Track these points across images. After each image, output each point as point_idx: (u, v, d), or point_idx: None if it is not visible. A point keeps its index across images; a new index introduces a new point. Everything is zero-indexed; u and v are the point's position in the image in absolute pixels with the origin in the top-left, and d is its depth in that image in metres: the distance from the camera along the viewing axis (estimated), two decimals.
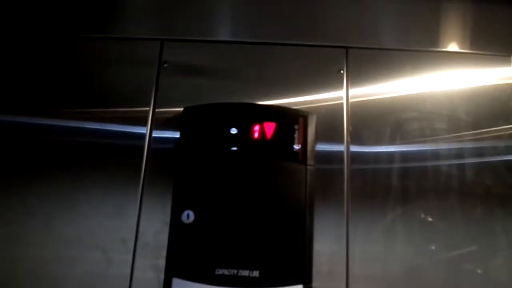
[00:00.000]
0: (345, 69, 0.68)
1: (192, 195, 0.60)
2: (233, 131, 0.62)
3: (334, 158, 0.65)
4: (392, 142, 0.66)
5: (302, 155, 0.61)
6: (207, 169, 0.61)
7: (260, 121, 0.62)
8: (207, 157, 0.61)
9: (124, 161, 0.65)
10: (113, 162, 0.65)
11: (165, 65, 0.68)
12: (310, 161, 0.61)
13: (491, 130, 0.67)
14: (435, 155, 0.66)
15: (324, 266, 0.60)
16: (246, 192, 0.59)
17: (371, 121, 0.67)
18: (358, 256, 0.61)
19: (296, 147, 0.61)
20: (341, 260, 0.61)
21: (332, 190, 0.63)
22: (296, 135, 0.62)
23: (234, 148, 0.61)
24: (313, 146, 0.63)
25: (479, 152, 0.66)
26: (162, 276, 0.59)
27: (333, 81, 0.68)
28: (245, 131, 0.61)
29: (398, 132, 0.67)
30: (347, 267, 0.60)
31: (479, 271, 0.61)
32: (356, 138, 0.66)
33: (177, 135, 0.64)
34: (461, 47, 0.72)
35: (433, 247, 0.62)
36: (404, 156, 0.66)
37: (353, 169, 0.64)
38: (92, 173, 0.65)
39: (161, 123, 0.66)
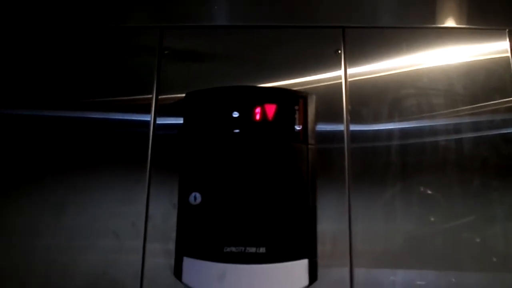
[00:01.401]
0: (342, 49, 0.70)
1: (198, 177, 0.62)
2: (235, 113, 0.63)
3: (334, 137, 0.66)
4: (390, 119, 0.67)
5: (303, 135, 0.63)
6: (212, 152, 0.62)
7: (261, 103, 0.63)
8: (211, 140, 0.63)
9: (130, 148, 0.67)
10: (119, 150, 0.67)
11: (166, 52, 0.70)
12: (311, 140, 0.63)
13: (488, 104, 0.69)
14: (433, 130, 0.67)
15: (328, 241, 0.62)
16: (250, 173, 0.61)
17: (370, 99, 0.68)
18: (360, 230, 0.63)
19: (297, 127, 0.63)
20: (344, 234, 0.63)
21: (333, 169, 0.65)
22: (296, 116, 0.63)
23: (237, 130, 0.63)
24: (314, 126, 0.64)
25: (476, 126, 0.68)
26: (172, 256, 0.61)
27: (331, 61, 0.69)
28: (247, 113, 0.63)
29: (396, 109, 0.68)
30: (350, 241, 0.63)
31: (477, 240, 0.64)
32: (355, 117, 0.67)
33: (180, 121, 0.66)
34: (457, 22, 0.72)
35: (432, 219, 0.64)
36: (403, 132, 0.67)
37: (353, 147, 0.66)
38: (100, 162, 0.67)
39: (164, 109, 0.68)
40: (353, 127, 0.67)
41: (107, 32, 0.72)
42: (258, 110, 0.63)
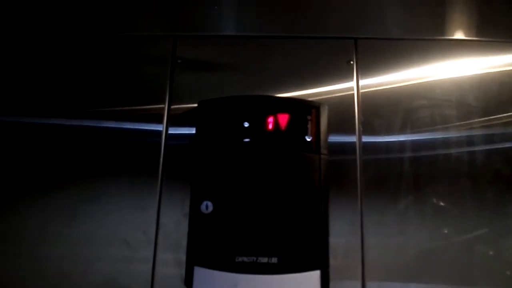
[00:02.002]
0: (354, 60, 0.70)
1: (210, 186, 0.62)
2: (248, 123, 0.63)
3: (346, 148, 0.66)
4: (403, 130, 0.67)
5: (315, 145, 0.63)
6: (224, 161, 0.62)
7: (273, 113, 0.64)
8: (223, 149, 0.63)
9: (142, 157, 0.67)
10: (131, 159, 0.67)
11: (179, 61, 0.70)
12: (323, 150, 0.63)
13: (500, 117, 0.68)
14: (446, 142, 0.67)
15: (340, 254, 0.62)
16: (262, 182, 0.61)
17: (382, 110, 0.68)
18: (372, 242, 0.63)
19: (310, 137, 0.63)
20: (356, 246, 0.62)
21: (345, 180, 0.65)
22: (309, 126, 0.64)
23: (249, 140, 0.63)
24: (326, 136, 0.64)
25: (488, 138, 0.68)
26: (183, 265, 0.61)
27: (343, 72, 0.69)
28: (259, 122, 0.63)
29: (408, 121, 0.68)
30: (362, 253, 0.62)
31: (491, 252, 0.63)
32: (367, 128, 0.67)
33: (193, 131, 0.66)
34: (469, 34, 0.73)
35: (445, 231, 0.63)
36: (415, 144, 0.67)
37: (365, 159, 0.66)
38: (111, 170, 0.67)
39: (177, 119, 0.68)
40: (366, 139, 0.67)
41: (119, 41, 0.73)
42: (270, 119, 0.63)
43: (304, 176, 0.62)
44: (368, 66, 0.70)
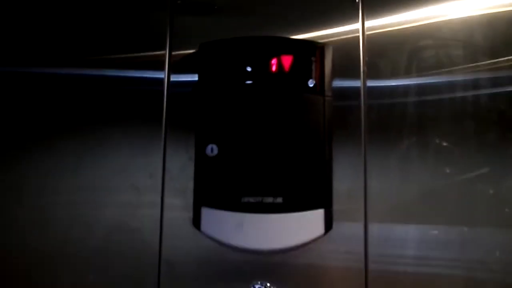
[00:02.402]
0: None
1: (214, 129, 0.62)
2: (251, 64, 0.62)
3: (350, 90, 0.65)
4: (409, 71, 0.66)
5: (319, 87, 0.62)
6: (227, 104, 0.62)
7: (277, 54, 0.62)
8: (226, 92, 0.62)
9: (145, 105, 0.66)
10: (134, 107, 0.67)
11: (179, 1, 0.68)
12: (327, 92, 0.63)
13: (508, 59, 0.67)
14: (451, 84, 0.66)
15: (343, 196, 0.63)
16: (266, 124, 0.61)
17: (388, 51, 0.66)
18: (375, 183, 0.63)
19: (314, 79, 0.62)
20: (359, 189, 0.63)
21: (349, 122, 0.64)
22: (313, 67, 0.62)
23: (252, 82, 0.62)
24: (330, 78, 0.63)
25: (494, 78, 0.66)
26: (191, 206, 0.63)
27: (348, 10, 0.67)
28: (263, 64, 0.62)
29: (414, 60, 0.66)
30: (365, 195, 0.63)
31: (491, 191, 0.64)
32: (373, 68, 0.65)
33: (195, 78, 0.65)
34: None
35: (447, 171, 0.64)
36: (420, 87, 0.65)
37: (369, 101, 0.65)
38: (114, 118, 0.67)
39: (179, 64, 0.67)
40: (370, 83, 0.65)
41: None
42: (274, 61, 0.62)
43: (308, 117, 0.61)
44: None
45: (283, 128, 0.61)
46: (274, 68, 0.62)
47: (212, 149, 0.61)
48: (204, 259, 0.63)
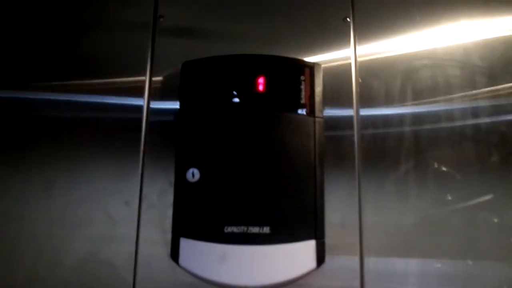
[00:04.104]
0: (351, 17, 0.65)
1: (196, 152, 0.57)
2: (236, 83, 0.58)
3: (343, 101, 0.62)
4: (404, 92, 0.63)
5: (309, 107, 0.59)
6: (211, 125, 0.58)
7: (264, 73, 0.59)
8: (210, 112, 0.58)
9: (123, 123, 0.62)
10: (111, 131, 0.62)
11: (161, 19, 0.65)
12: (318, 113, 0.59)
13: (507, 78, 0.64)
14: (448, 110, 0.63)
15: (337, 229, 0.58)
16: (253, 147, 0.57)
17: (381, 72, 0.63)
18: (371, 214, 0.59)
19: (303, 98, 0.59)
20: (353, 219, 0.59)
21: (342, 152, 0.61)
22: (302, 87, 0.59)
23: (237, 101, 0.58)
24: (321, 98, 0.60)
25: (494, 99, 0.63)
26: (169, 237, 0.57)
27: (339, 30, 0.64)
28: (249, 83, 0.58)
29: (409, 87, 0.63)
30: (360, 227, 0.58)
31: (495, 220, 0.59)
32: (366, 95, 0.63)
33: (176, 105, 0.61)
34: None
35: (449, 198, 0.60)
36: (416, 116, 0.63)
37: (363, 130, 0.61)
38: (89, 143, 0.62)
39: (160, 88, 0.63)
40: (364, 111, 0.62)
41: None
42: (261, 80, 0.59)
43: (298, 140, 0.57)
44: (366, 23, 0.65)
45: (270, 152, 0.57)
46: (260, 88, 0.58)
47: (193, 174, 0.57)
48: None
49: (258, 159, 0.56)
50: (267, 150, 0.57)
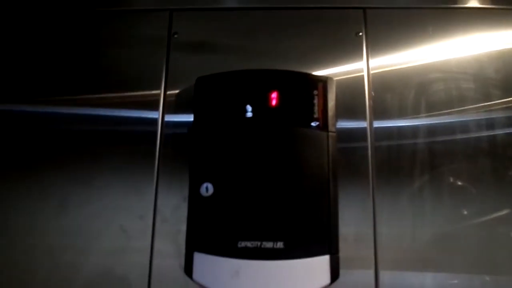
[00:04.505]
0: (363, 31, 0.65)
1: (210, 166, 0.58)
2: (249, 99, 0.59)
3: (356, 114, 0.62)
4: (417, 105, 0.63)
5: (322, 122, 0.59)
6: (224, 140, 0.58)
7: (277, 88, 0.59)
8: (223, 127, 0.59)
9: (138, 139, 0.63)
10: (126, 145, 0.63)
11: (176, 36, 0.66)
12: (331, 127, 0.59)
13: None
14: (463, 122, 0.62)
15: (352, 242, 0.58)
16: (266, 162, 0.57)
17: (393, 83, 0.63)
18: (386, 228, 0.58)
19: (316, 113, 0.59)
20: (368, 232, 0.58)
21: (356, 165, 0.61)
22: (315, 101, 0.59)
23: (251, 116, 0.58)
24: (334, 112, 0.60)
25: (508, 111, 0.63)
26: (183, 251, 0.57)
27: (351, 45, 0.65)
28: (262, 98, 0.59)
29: (422, 99, 0.63)
30: (375, 241, 0.58)
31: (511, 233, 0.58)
32: (379, 108, 0.62)
33: (191, 118, 0.61)
34: (485, 2, 0.67)
35: (465, 212, 0.59)
36: (431, 128, 0.62)
37: (377, 143, 0.61)
38: (105, 154, 0.63)
39: (174, 102, 0.64)
40: (377, 123, 0.62)
41: (111, 17, 0.68)
42: (274, 95, 0.59)
43: (311, 155, 0.57)
44: (378, 37, 0.65)
45: (284, 166, 0.57)
46: (274, 102, 0.59)
47: (207, 188, 0.57)
48: None
49: (272, 173, 0.56)
50: (280, 164, 0.57)
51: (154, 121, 0.63)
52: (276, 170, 0.57)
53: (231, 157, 0.57)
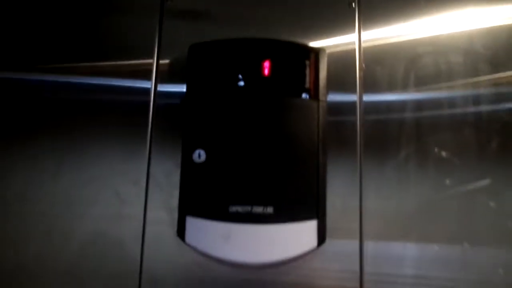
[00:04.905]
0: (356, 2, 0.65)
1: (202, 134, 0.59)
2: (242, 67, 0.59)
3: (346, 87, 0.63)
4: (407, 79, 0.64)
5: (314, 91, 0.60)
6: (216, 107, 0.59)
7: (270, 57, 0.60)
8: (215, 95, 0.59)
9: (131, 111, 0.63)
10: (119, 113, 0.64)
11: (169, 1, 0.65)
12: (322, 96, 0.60)
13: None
14: (451, 97, 0.63)
15: (338, 213, 0.59)
16: (258, 130, 0.58)
17: (384, 55, 0.64)
18: (371, 199, 0.60)
19: (308, 83, 0.60)
20: (354, 203, 0.60)
21: (345, 137, 0.62)
22: (307, 71, 0.60)
23: (243, 84, 0.59)
24: (325, 82, 0.61)
25: (496, 92, 0.64)
26: (176, 216, 0.59)
27: (344, 16, 0.65)
28: (255, 67, 0.59)
29: (412, 73, 0.64)
30: (361, 212, 0.60)
31: (492, 204, 0.61)
32: (369, 77, 0.63)
33: (183, 87, 0.62)
34: None
35: (447, 182, 0.61)
36: (417, 102, 0.63)
37: (366, 116, 0.62)
38: (97, 124, 0.64)
39: (167, 71, 0.64)
40: (367, 97, 0.63)
41: None
42: (266, 64, 0.60)
43: (301, 123, 0.58)
44: (371, 9, 0.65)
45: (275, 133, 0.58)
46: (266, 71, 0.59)
47: (199, 155, 0.58)
48: (189, 273, 0.59)
49: (263, 141, 0.58)
50: (271, 132, 0.58)
51: (147, 90, 0.63)
52: (266, 137, 0.58)
53: (223, 125, 0.58)
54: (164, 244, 0.60)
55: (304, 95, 0.59)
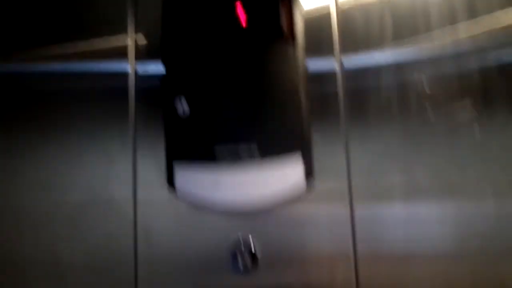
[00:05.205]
0: None
1: (183, 80, 0.60)
2: (218, 11, 0.61)
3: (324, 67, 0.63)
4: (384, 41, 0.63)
5: (290, 33, 0.61)
6: (196, 54, 0.60)
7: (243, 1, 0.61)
8: (193, 42, 0.61)
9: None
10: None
11: None
12: (299, 36, 0.61)
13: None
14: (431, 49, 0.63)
15: (326, 176, 0.59)
16: (237, 72, 0.59)
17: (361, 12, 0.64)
18: (357, 160, 0.60)
19: (283, 25, 0.61)
20: (341, 165, 0.60)
21: (326, 88, 0.61)
22: (282, 13, 0.61)
23: (219, 29, 0.60)
24: (301, 25, 0.62)
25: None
26: (163, 162, 0.60)
27: None
28: (229, 10, 0.61)
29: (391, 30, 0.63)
30: (349, 174, 0.60)
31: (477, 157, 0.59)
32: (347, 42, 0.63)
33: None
34: None
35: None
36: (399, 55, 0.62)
37: (346, 74, 0.62)
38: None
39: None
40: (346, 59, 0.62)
41: None
42: (240, 6, 0.61)
43: (281, 64, 0.59)
44: None
45: (254, 76, 0.59)
46: (240, 14, 0.61)
47: (181, 100, 0.59)
48: (182, 221, 0.59)
49: (243, 82, 0.59)
50: (252, 73, 0.59)
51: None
52: (247, 79, 0.59)
53: (204, 70, 0.60)
54: (155, 197, 0.60)
55: (281, 36, 0.60)
